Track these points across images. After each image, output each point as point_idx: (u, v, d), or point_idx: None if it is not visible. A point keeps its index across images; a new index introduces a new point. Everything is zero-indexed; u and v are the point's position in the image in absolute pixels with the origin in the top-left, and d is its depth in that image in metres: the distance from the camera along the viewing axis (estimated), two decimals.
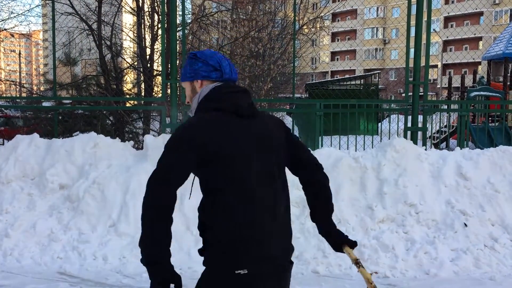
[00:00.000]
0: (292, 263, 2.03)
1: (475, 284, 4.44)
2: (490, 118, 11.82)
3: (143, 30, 9.95)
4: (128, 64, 10.34)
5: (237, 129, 1.88)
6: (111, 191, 5.47)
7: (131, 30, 10.70)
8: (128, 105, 9.38)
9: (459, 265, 4.76)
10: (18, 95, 12.94)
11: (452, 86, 17.44)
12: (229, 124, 1.88)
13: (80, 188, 5.54)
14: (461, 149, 6.28)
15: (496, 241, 5.05)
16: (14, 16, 14.13)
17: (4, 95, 11.38)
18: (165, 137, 5.93)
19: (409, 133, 6.75)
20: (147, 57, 9.65)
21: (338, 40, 60.57)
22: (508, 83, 13.87)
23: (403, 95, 8.45)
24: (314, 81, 32.76)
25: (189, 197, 2.11)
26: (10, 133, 9.10)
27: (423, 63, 6.75)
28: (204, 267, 1.94)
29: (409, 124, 6.77)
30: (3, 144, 6.56)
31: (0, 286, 4.26)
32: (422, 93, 7.04)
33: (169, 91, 7.03)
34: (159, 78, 9.22)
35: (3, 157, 5.99)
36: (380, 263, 4.78)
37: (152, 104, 8.46)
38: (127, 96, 9.89)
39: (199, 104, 1.98)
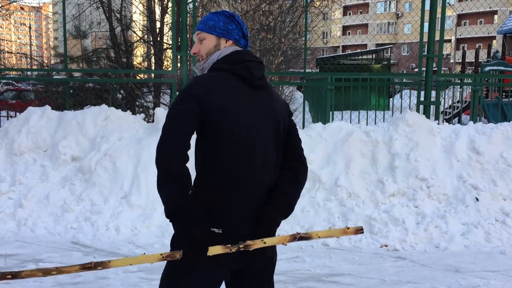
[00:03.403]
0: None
1: (485, 258, 4.44)
2: (504, 93, 11.64)
3: (153, 2, 9.85)
4: (138, 37, 10.27)
5: (245, 97, 1.89)
6: (123, 163, 5.51)
7: (141, 3, 10.58)
8: (138, 78, 9.36)
9: (470, 239, 4.76)
10: (29, 68, 12.96)
11: (466, 61, 17.18)
12: (237, 89, 1.88)
13: (92, 160, 5.58)
14: (474, 123, 6.21)
15: (508, 216, 5.03)
16: None
17: (15, 68, 11.41)
18: None
19: (421, 107, 6.68)
20: (157, 30, 9.57)
21: (350, 14, 59.66)
22: None
23: (416, 70, 8.33)
24: (325, 56, 32.41)
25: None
26: (22, 106, 9.14)
27: (437, 37, 6.63)
28: None
29: (422, 99, 6.69)
30: (15, 116, 6.60)
31: (15, 255, 4.35)
32: (436, 68, 6.93)
33: (179, 64, 7.00)
34: (169, 51, 9.16)
35: (15, 129, 6.04)
36: (390, 237, 4.79)
37: (163, 77, 8.43)
38: (138, 69, 9.86)
39: (216, 63, 1.95)
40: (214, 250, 1.79)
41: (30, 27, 39.89)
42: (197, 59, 2.02)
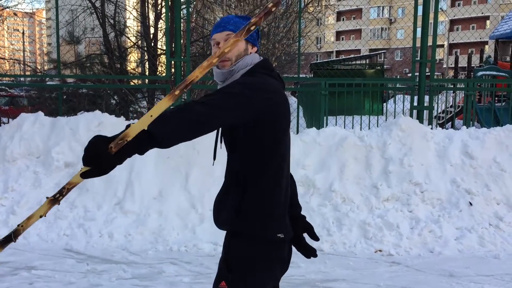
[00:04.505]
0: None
1: (479, 262, 4.45)
2: (496, 98, 11.71)
3: (146, 8, 9.86)
4: (132, 43, 10.27)
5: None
6: (116, 170, 5.44)
7: (134, 9, 10.59)
8: (132, 84, 9.35)
9: (464, 243, 4.77)
10: (22, 74, 12.91)
11: (459, 66, 17.28)
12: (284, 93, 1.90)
13: None
14: (467, 128, 6.24)
15: (501, 220, 5.05)
16: None
17: (8, 74, 11.37)
18: None
19: (414, 112, 6.70)
20: (151, 35, 9.57)
21: (343, 20, 59.93)
22: None
23: (409, 75, 8.37)
24: (319, 61, 32.52)
25: (213, 163, 2.09)
26: (15, 112, 9.10)
27: (430, 43, 6.67)
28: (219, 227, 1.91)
29: (415, 104, 6.72)
30: (8, 122, 6.56)
31: (7, 262, 4.31)
32: (429, 73, 6.97)
33: (173, 69, 6.99)
34: (163, 57, 9.15)
35: (8, 135, 6.00)
36: (385, 241, 4.79)
37: (156, 83, 8.43)
38: (131, 75, 9.85)
39: (256, 67, 1.87)
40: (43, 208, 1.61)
41: (23, 33, 39.77)
42: (222, 60, 1.83)
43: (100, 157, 1.41)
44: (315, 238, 2.04)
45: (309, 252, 1.99)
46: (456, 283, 3.97)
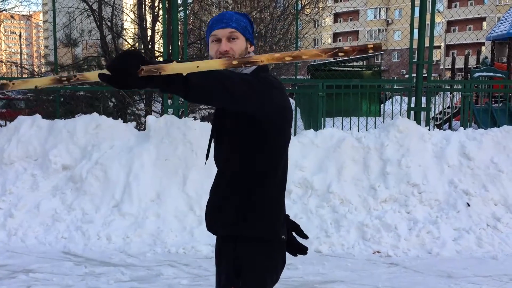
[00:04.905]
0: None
1: (477, 263, 4.46)
2: (493, 99, 11.74)
3: (144, 10, 9.85)
4: (129, 45, 10.26)
5: None
6: (114, 172, 5.48)
7: (132, 11, 10.59)
8: None
9: (462, 244, 4.77)
10: (19, 77, 12.88)
11: (456, 67, 17.31)
12: None
13: (83, 168, 5.55)
14: (464, 129, 6.25)
15: (499, 221, 5.06)
16: None
17: (5, 77, 11.34)
18: (167, 118, 5.92)
19: (412, 113, 6.72)
20: (148, 38, 9.57)
21: (340, 21, 60.00)
22: None
23: (406, 76, 8.40)
24: (316, 63, 32.52)
25: (205, 163, 2.05)
26: (12, 115, 9.06)
27: (426, 44, 6.69)
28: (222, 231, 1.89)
29: (413, 105, 6.74)
30: (5, 125, 6.55)
31: (5, 265, 4.30)
32: (426, 74, 6.98)
33: None
34: (161, 59, 9.14)
35: (5, 138, 5.99)
36: (383, 243, 4.80)
37: None
38: None
39: (257, 69, 1.80)
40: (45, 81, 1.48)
41: (20, 36, 39.69)
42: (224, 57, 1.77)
43: (127, 71, 1.30)
44: (304, 236, 2.02)
45: (301, 251, 1.98)
46: (454, 284, 3.97)
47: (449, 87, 9.13)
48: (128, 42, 10.33)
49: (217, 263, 1.93)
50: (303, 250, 1.96)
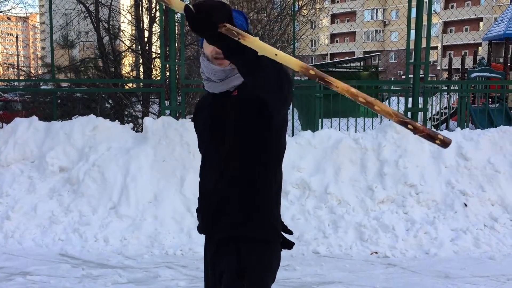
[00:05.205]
0: None
1: (474, 263, 4.46)
2: (490, 100, 11.77)
3: (141, 12, 9.85)
4: (126, 47, 10.26)
5: None
6: (111, 174, 5.47)
7: (128, 12, 10.58)
8: (127, 88, 9.33)
9: (459, 244, 4.78)
10: (16, 79, 12.85)
11: (452, 67, 17.36)
12: None
13: (80, 170, 5.54)
14: (461, 129, 6.26)
15: (496, 221, 5.07)
16: None
17: (2, 79, 11.32)
18: (165, 120, 5.91)
19: (409, 114, 6.73)
20: (145, 39, 9.57)
21: (337, 22, 60.06)
22: (509, 64, 13.79)
23: (403, 77, 8.42)
24: (313, 64, 32.56)
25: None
26: (9, 117, 9.05)
27: (423, 45, 6.70)
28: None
29: (410, 106, 6.75)
30: (2, 127, 6.53)
31: (2, 267, 4.28)
32: (423, 75, 6.99)
33: (168, 73, 6.98)
34: (158, 60, 9.15)
35: (2, 140, 5.97)
36: (380, 243, 4.80)
37: (151, 87, 8.42)
38: (126, 79, 9.83)
39: None
40: None
41: (17, 37, 39.59)
42: (219, 58, 1.72)
43: (210, 21, 1.28)
44: (289, 232, 1.99)
45: (287, 246, 1.95)
46: (452, 284, 3.98)
47: (446, 88, 9.17)
48: (125, 44, 10.32)
49: (211, 265, 1.92)
50: (289, 245, 1.93)
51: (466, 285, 3.96)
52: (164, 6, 7.00)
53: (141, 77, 9.86)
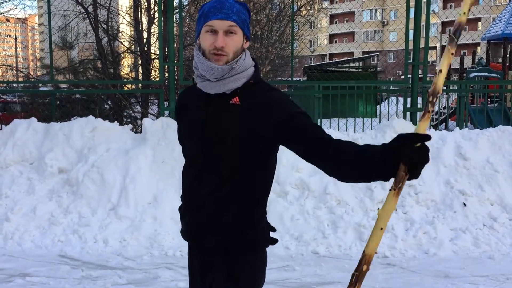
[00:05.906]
0: None
1: (474, 263, 4.47)
2: (489, 99, 11.78)
3: (139, 13, 9.85)
4: (125, 48, 10.26)
5: None
6: (111, 175, 5.47)
7: (127, 13, 10.58)
8: (126, 89, 9.33)
9: (458, 244, 4.78)
10: (15, 80, 12.84)
11: (451, 67, 17.37)
12: None
13: (79, 172, 5.54)
14: (460, 129, 6.27)
15: (495, 221, 5.07)
16: (9, 0, 13.97)
17: (0, 80, 11.32)
18: (164, 120, 5.91)
19: (408, 114, 6.73)
20: (144, 40, 9.57)
21: (336, 23, 60.10)
22: (507, 63, 13.80)
23: (402, 77, 8.42)
24: (312, 64, 32.58)
25: None
26: (8, 118, 9.04)
27: (422, 45, 6.70)
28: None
29: (409, 106, 6.75)
30: (1, 129, 6.53)
31: (2, 269, 4.28)
32: (421, 75, 7.00)
33: (166, 74, 6.99)
34: (157, 61, 9.15)
35: (1, 142, 5.97)
36: (380, 243, 4.79)
37: (150, 88, 8.42)
38: (125, 80, 9.83)
39: (259, 75, 1.73)
40: None
41: (15, 39, 39.60)
42: (217, 54, 1.62)
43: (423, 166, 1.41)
44: (273, 229, 1.92)
45: (272, 243, 1.91)
46: (451, 284, 3.98)
47: (444, 88, 9.15)
48: (124, 45, 10.32)
49: (200, 272, 1.83)
50: (273, 242, 1.87)
51: (466, 285, 3.96)
52: (162, 7, 7.02)
53: (140, 78, 9.86)
